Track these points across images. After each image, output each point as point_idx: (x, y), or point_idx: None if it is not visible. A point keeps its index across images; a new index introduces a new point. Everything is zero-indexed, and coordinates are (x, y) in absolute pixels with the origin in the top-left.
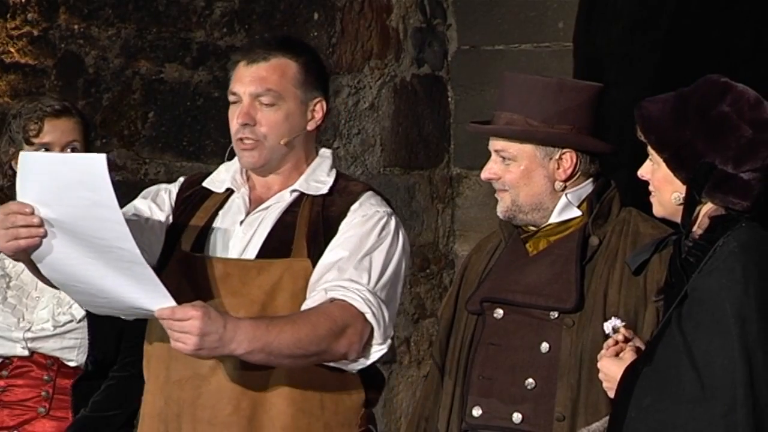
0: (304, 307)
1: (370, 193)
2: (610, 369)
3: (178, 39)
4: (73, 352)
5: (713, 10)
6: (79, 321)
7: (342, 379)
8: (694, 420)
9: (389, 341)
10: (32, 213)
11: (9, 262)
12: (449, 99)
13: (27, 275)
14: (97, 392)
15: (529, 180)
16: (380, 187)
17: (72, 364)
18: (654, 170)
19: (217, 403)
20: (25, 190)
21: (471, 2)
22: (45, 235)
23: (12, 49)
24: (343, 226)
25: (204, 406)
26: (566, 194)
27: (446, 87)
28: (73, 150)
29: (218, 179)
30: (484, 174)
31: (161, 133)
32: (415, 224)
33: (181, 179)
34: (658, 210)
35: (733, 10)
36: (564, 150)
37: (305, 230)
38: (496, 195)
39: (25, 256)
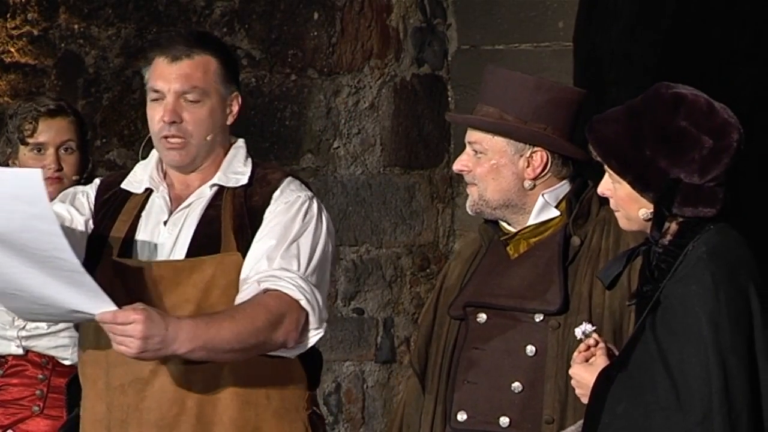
0: (238, 300)
1: (289, 179)
2: (583, 375)
3: None
4: (68, 350)
5: (713, 10)
6: None
7: (284, 366)
8: (668, 428)
9: (325, 324)
10: None
11: None
12: (449, 99)
13: None
14: None
15: (498, 175)
16: (380, 187)
17: (66, 362)
18: (616, 188)
19: (163, 405)
20: None
21: (471, 2)
22: None
23: (12, 49)
24: (267, 215)
25: (149, 409)
26: (543, 194)
27: (446, 87)
28: (68, 149)
29: (135, 180)
30: (456, 166)
31: None
32: (415, 224)
33: (97, 181)
34: (624, 224)
35: (733, 10)
36: (535, 148)
37: (231, 224)
38: (467, 189)
39: None
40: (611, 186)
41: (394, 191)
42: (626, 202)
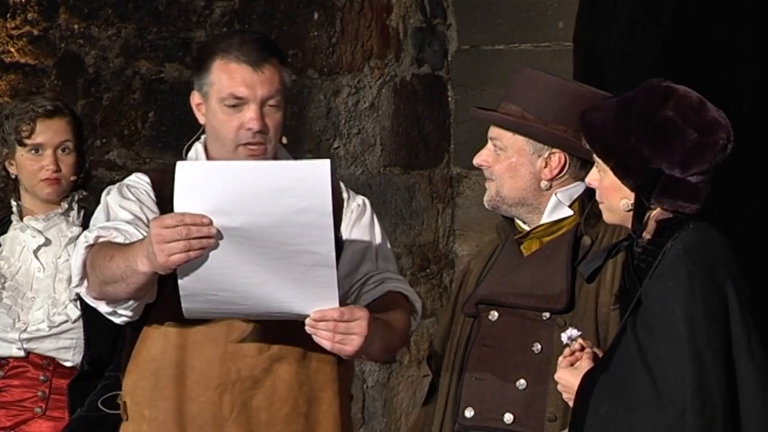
0: (367, 297)
1: (339, 181)
2: (568, 380)
3: (178, 39)
4: (69, 352)
5: (713, 9)
6: (75, 321)
7: (349, 367)
8: (650, 426)
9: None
10: (210, 224)
11: (3, 263)
12: (449, 99)
13: (22, 276)
14: (93, 392)
15: (515, 173)
16: (380, 187)
17: (68, 364)
18: (601, 178)
19: (274, 403)
20: (194, 199)
21: (471, 2)
22: (215, 247)
23: (12, 49)
24: (345, 215)
25: (258, 408)
26: (556, 194)
27: (446, 87)
28: (66, 150)
29: None
30: (476, 160)
31: (161, 133)
32: (415, 224)
33: (141, 176)
34: (608, 217)
35: (733, 10)
36: (554, 150)
37: None
38: (485, 183)
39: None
40: (597, 176)
41: (394, 191)
42: (609, 192)
